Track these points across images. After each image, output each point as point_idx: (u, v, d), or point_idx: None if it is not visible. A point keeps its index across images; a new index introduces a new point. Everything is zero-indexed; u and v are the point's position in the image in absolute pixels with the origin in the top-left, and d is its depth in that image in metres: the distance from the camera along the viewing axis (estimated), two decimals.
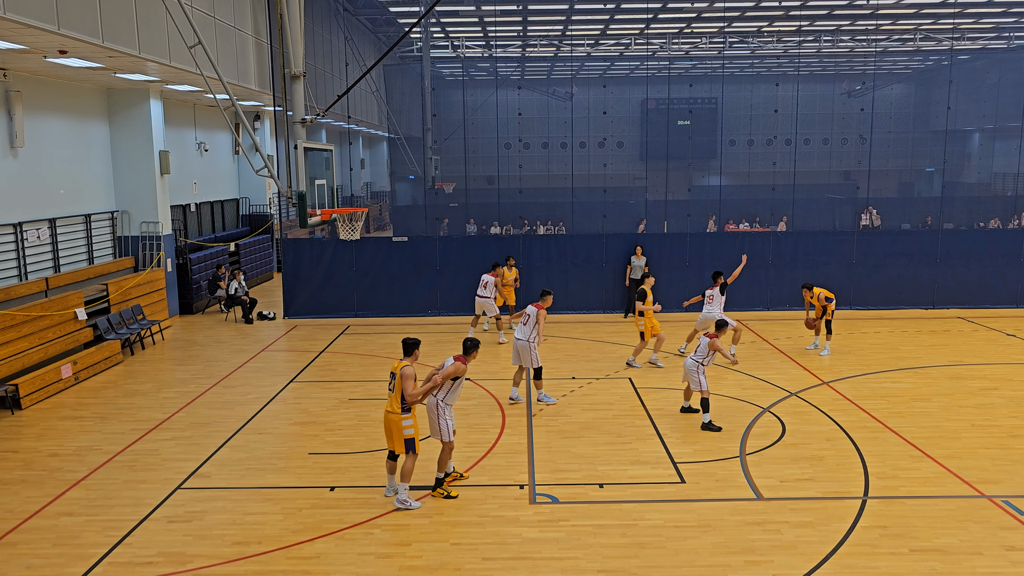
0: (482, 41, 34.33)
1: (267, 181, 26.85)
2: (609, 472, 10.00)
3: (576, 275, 19.97)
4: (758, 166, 38.68)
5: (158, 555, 8.06)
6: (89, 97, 17.83)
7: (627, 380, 14.05)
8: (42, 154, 15.98)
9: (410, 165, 32.55)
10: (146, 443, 11.31)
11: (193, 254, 21.13)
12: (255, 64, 20.83)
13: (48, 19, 11.50)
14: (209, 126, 23.98)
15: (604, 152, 39.76)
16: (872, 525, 8.49)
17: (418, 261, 19.86)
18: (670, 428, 11.54)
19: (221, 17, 18.29)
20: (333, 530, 8.54)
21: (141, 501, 9.34)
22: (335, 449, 10.93)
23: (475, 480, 9.81)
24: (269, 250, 26.94)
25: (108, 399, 13.45)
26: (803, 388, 13.43)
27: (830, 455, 10.46)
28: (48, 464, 10.56)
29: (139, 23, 14.28)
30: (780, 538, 8.24)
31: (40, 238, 16.07)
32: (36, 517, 8.98)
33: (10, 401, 12.67)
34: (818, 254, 20.00)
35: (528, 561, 7.89)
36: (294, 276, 19.92)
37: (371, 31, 31.90)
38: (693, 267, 19.89)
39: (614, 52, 35.55)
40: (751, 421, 11.79)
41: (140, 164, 18.76)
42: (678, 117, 34.74)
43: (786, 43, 34.04)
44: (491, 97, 30.49)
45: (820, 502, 9.08)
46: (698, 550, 8.02)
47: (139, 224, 18.99)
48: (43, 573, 7.74)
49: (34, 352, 13.80)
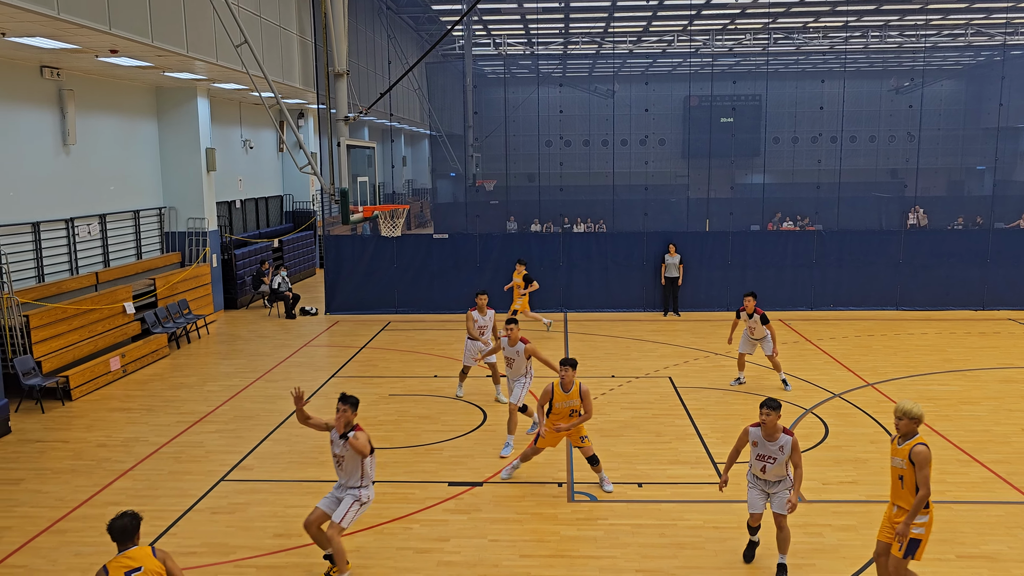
0: (524, 38, 34.31)
1: (310, 178, 27.18)
2: (648, 471, 9.93)
3: (616, 273, 19.87)
4: (803, 164, 38.09)
5: (201, 545, 8.21)
6: (139, 95, 18.23)
7: (667, 379, 13.94)
8: (93, 151, 16.37)
9: (451, 162, 32.72)
10: (191, 435, 11.54)
11: (238, 250, 21.49)
12: (299, 62, 21.10)
13: (100, 19, 11.78)
14: (254, 124, 24.35)
15: (645, 150, 39.47)
16: None
17: (458, 258, 19.94)
18: (710, 428, 11.42)
19: (267, 16, 18.56)
20: (372, 524, 8.62)
21: (186, 492, 9.53)
22: (375, 444, 10.99)
23: (514, 477, 9.82)
24: (312, 246, 27.28)
25: (155, 391, 13.75)
26: (847, 390, 13.19)
27: (874, 458, 10.26)
28: (97, 454, 10.83)
29: (187, 23, 14.57)
30: (822, 541, 8.11)
31: (90, 233, 16.48)
32: (85, 506, 9.22)
33: (61, 392, 13.03)
34: (863, 254, 19.61)
35: (565, 559, 7.87)
36: (336, 272, 20.13)
37: (413, 29, 32.09)
38: (735, 266, 19.64)
39: (657, 49, 35.25)
40: (793, 422, 11.61)
41: (187, 161, 19.13)
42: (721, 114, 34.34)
43: (832, 39, 33.41)
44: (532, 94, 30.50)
45: (864, 505, 8.91)
46: (738, 552, 7.93)
47: (186, 220, 19.37)
48: (91, 561, 7.94)
49: (84, 345, 14.17)
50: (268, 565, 7.82)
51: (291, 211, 27.62)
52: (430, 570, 7.72)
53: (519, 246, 20.23)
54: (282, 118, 25.08)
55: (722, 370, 14.48)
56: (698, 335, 17.29)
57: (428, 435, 11.33)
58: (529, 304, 17.64)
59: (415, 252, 19.88)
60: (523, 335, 11.07)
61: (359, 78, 21.43)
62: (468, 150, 31.69)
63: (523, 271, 17.45)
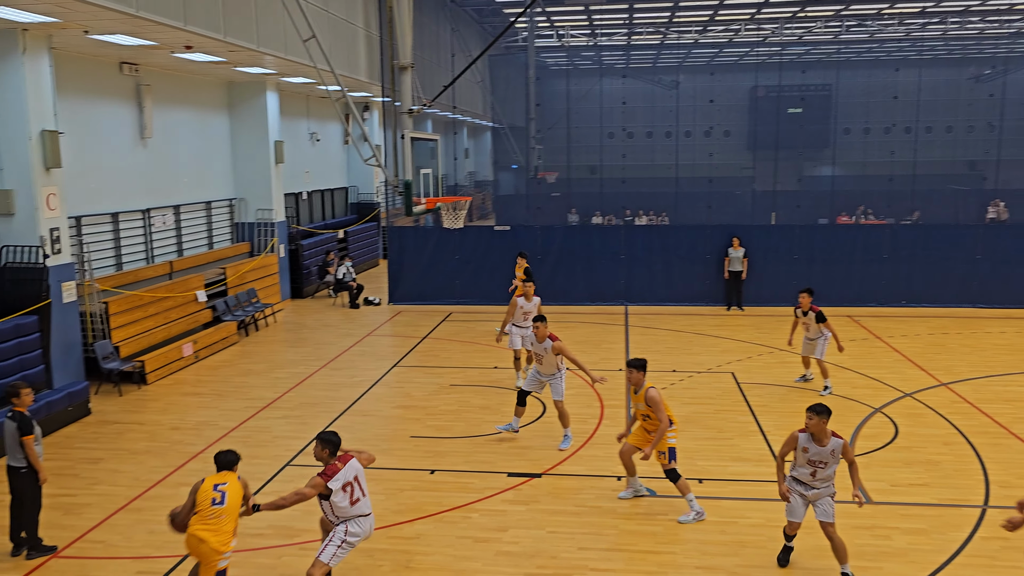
0: (587, 30, 34.08)
1: (374, 170, 27.57)
2: (709, 468, 9.82)
3: (679, 266, 19.61)
4: (874, 155, 36.98)
5: (268, 528, 8.45)
6: (211, 90, 18.75)
7: (730, 375, 13.74)
8: (168, 144, 16.93)
9: (513, 154, 32.78)
10: (258, 420, 11.87)
11: (304, 240, 21.95)
12: (365, 56, 21.40)
13: (176, 16, 12.16)
14: (321, 117, 24.81)
15: (710, 141, 38.86)
16: (992, 536, 8.01)
17: (519, 250, 19.95)
18: (774, 425, 11.21)
19: (334, 11, 18.87)
20: (432, 512, 8.74)
21: (253, 475, 9.79)
22: (436, 433, 11.16)
23: (572, 470, 9.83)
24: (375, 237, 27.69)
25: (224, 377, 14.17)
26: (919, 389, 12.78)
27: (947, 460, 9.93)
28: (170, 437, 11.24)
29: (258, 19, 14.92)
30: (890, 544, 7.90)
31: (165, 224, 17.06)
32: (159, 486, 9.58)
33: (137, 376, 13.54)
34: (939, 248, 18.90)
35: (624, 553, 7.85)
36: (399, 263, 20.40)
37: (477, 22, 32.20)
38: (802, 260, 19.19)
39: (723, 38, 34.58)
40: (861, 421, 11.32)
41: (257, 154, 19.62)
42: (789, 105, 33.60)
43: (908, 25, 32.24)
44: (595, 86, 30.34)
45: (935, 509, 8.64)
46: (801, 552, 7.78)
47: (255, 211, 19.88)
48: (164, 539, 8.23)
49: (159, 331, 14.69)
50: None
51: (356, 203, 28.08)
52: (488, 559, 7.79)
53: (580, 238, 20.16)
54: (347, 111, 25.50)
55: (786, 366, 14.19)
56: (762, 330, 16.97)
57: (488, 426, 11.41)
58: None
59: (476, 244, 20.00)
60: (551, 332, 10.68)
61: (423, 71, 21.62)
62: (530, 142, 31.70)
63: (524, 264, 16.88)
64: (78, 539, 8.28)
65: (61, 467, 10.07)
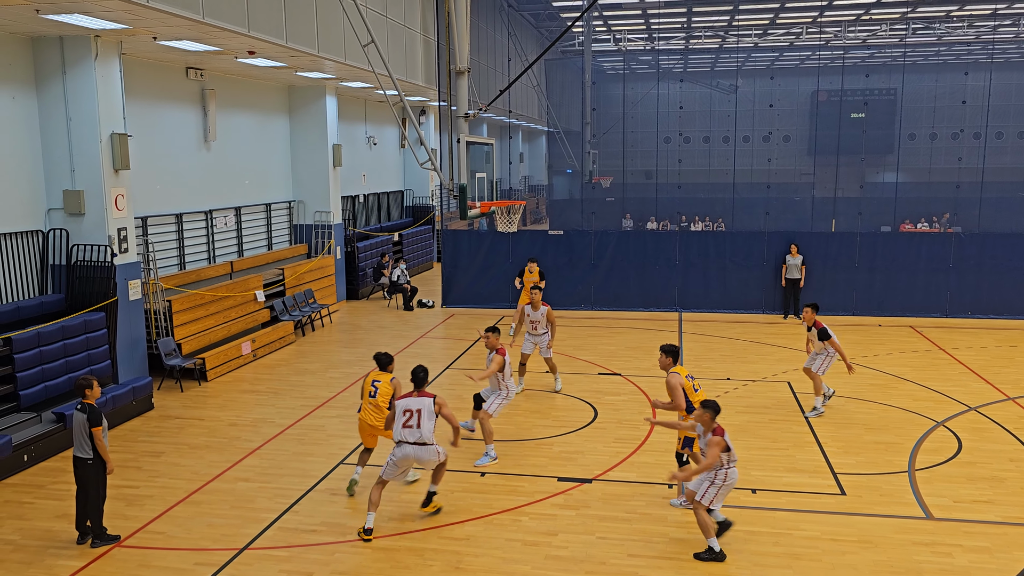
0: (644, 34, 33.87)
1: (430, 174, 27.84)
2: (762, 478, 9.65)
3: (735, 273, 19.33)
4: (940, 162, 35.92)
5: (321, 524, 8.60)
6: (272, 94, 19.18)
7: (785, 384, 13.48)
8: (231, 147, 17.36)
9: (568, 159, 32.72)
10: (313, 419, 12.08)
11: (360, 243, 22.26)
12: (422, 60, 21.64)
13: (240, 23, 12.48)
14: (378, 121, 25.15)
15: (769, 146, 38.22)
16: None
17: (573, 255, 19.93)
18: (830, 437, 10.96)
19: (392, 16, 19.13)
20: (482, 514, 8.77)
21: (307, 472, 9.99)
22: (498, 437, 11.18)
23: (623, 476, 9.76)
24: (430, 240, 27.93)
25: (281, 376, 14.46)
26: (984, 403, 12.35)
27: (1013, 477, 9.57)
28: (228, 432, 11.51)
29: (319, 24, 15.21)
30: (951, 562, 7.65)
31: (227, 225, 17.49)
32: (217, 480, 9.82)
33: (198, 373, 13.91)
34: (1007, 258, 18.25)
35: (674, 562, 7.76)
36: (452, 266, 20.54)
37: (533, 26, 32.26)
38: (862, 269, 18.74)
39: (783, 42, 33.96)
40: (923, 435, 10.99)
41: (315, 157, 19.99)
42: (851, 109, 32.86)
43: (978, 28, 31.21)
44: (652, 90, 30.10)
45: (999, 527, 8.33)
46: (857, 566, 7.59)
47: (313, 213, 20.24)
48: (222, 532, 8.46)
49: (219, 329, 15.06)
50: (382, 547, 8.10)
51: (411, 206, 28.38)
52: (537, 563, 7.78)
53: (634, 244, 20.03)
54: (404, 115, 25.81)
55: (845, 377, 13.84)
56: None
57: (538, 430, 11.41)
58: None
59: (530, 248, 20.01)
60: (501, 346, 10.49)
61: (479, 75, 21.77)
62: (585, 147, 31.61)
63: (536, 269, 16.91)
64: (139, 530, 8.54)
65: (124, 459, 10.40)
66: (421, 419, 8.27)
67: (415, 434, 8.28)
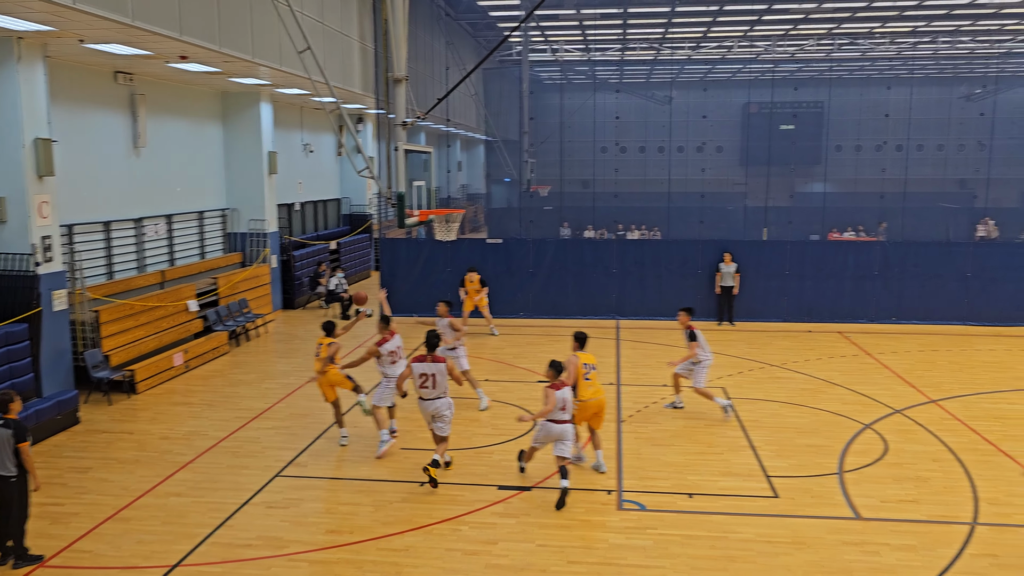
0: (581, 44, 34.28)
1: (368, 182, 27.60)
2: (699, 482, 9.82)
3: (671, 281, 19.66)
4: (865, 172, 37.24)
5: (257, 538, 8.41)
6: (205, 100, 18.77)
7: (720, 390, 13.76)
8: (162, 154, 16.92)
9: (506, 168, 32.84)
10: (248, 431, 11.82)
11: (296, 251, 21.93)
12: (359, 68, 21.47)
13: (171, 26, 12.20)
14: (314, 128, 24.85)
15: (702, 157, 39.08)
16: (981, 553, 8.04)
17: (511, 263, 20.00)
18: (764, 440, 11.24)
19: (329, 23, 18.94)
20: (422, 524, 8.71)
21: (242, 486, 9.77)
22: (427, 445, 11.12)
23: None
24: (368, 249, 27.68)
25: (215, 387, 14.12)
26: (909, 406, 12.83)
27: (936, 477, 9.96)
28: (159, 446, 11.18)
29: (253, 29, 14.97)
30: (879, 560, 7.91)
31: (157, 233, 17.03)
32: (147, 496, 9.52)
33: (127, 385, 13.48)
34: (929, 265, 19.03)
35: (613, 567, 7.84)
36: (391, 275, 20.39)
37: (471, 35, 32.35)
38: (793, 276, 19.28)
39: (716, 55, 34.82)
40: (851, 437, 11.35)
41: (250, 164, 19.62)
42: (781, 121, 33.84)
43: (900, 45, 32.55)
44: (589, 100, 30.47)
45: (924, 525, 8.66)
46: (791, 567, 7.79)
47: (247, 221, 19.86)
48: (152, 549, 8.20)
49: (150, 340, 14.63)
50: (320, 560, 7.97)
51: (348, 214, 28.10)
52: (478, 572, 7.76)
53: (572, 252, 20.22)
54: (341, 122, 25.53)
55: (777, 382, 14.24)
56: (753, 345, 17.03)
57: (479, 438, 11.40)
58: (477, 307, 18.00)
59: (469, 257, 20.01)
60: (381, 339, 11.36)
61: (417, 83, 21.71)
62: (523, 156, 31.79)
63: (476, 278, 17.88)
64: (65, 548, 8.22)
65: (49, 476, 10.01)
66: (436, 381, 9.79)
67: (431, 393, 9.82)
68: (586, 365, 9.90)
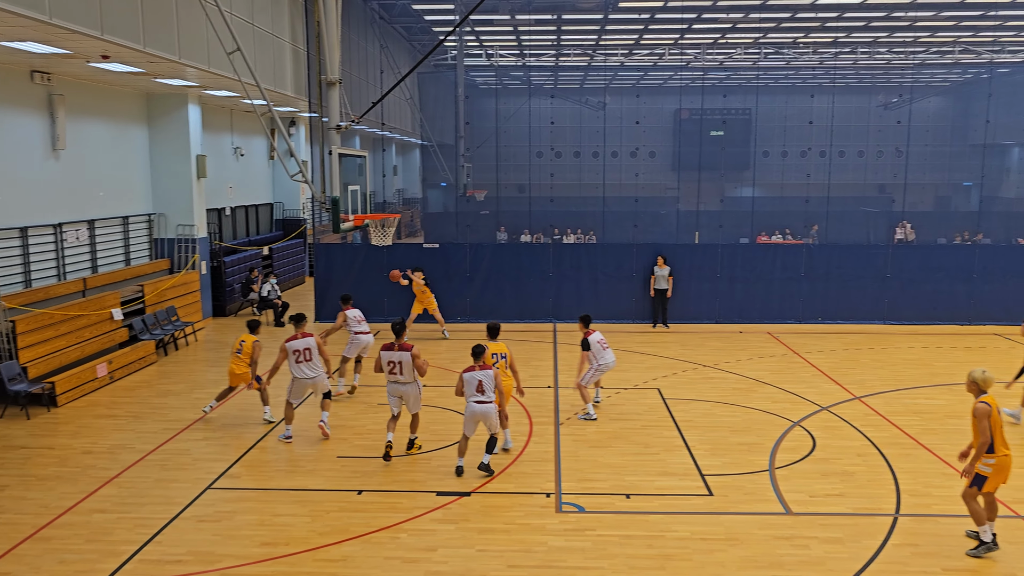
0: (516, 50, 34.44)
1: (301, 186, 27.16)
2: (636, 482, 9.94)
3: (606, 284, 19.90)
4: (792, 177, 38.32)
5: (187, 554, 8.16)
6: (129, 101, 18.19)
7: (655, 391, 13.97)
8: (83, 157, 16.32)
9: (442, 172, 32.72)
10: (178, 443, 11.47)
11: (227, 257, 21.41)
12: (292, 70, 21.11)
13: (92, 25, 11.77)
14: (245, 131, 24.33)
15: (636, 162, 39.63)
16: (903, 543, 8.35)
17: (448, 268, 19.94)
18: (698, 440, 11.45)
19: (259, 24, 18.57)
20: (360, 533, 8.59)
21: (172, 500, 9.47)
22: (363, 453, 10.99)
23: (502, 487, 9.81)
24: (302, 254, 27.22)
25: (142, 398, 13.66)
26: (834, 403, 13.25)
27: (861, 471, 10.31)
28: (82, 461, 10.75)
29: (179, 29, 14.57)
30: (809, 554, 8.13)
31: (79, 239, 16.40)
32: (70, 513, 9.14)
33: (47, 399, 12.93)
34: (851, 267, 19.73)
35: (554, 570, 7.86)
36: (326, 280, 20.09)
37: (406, 39, 32.16)
38: (724, 279, 19.73)
39: (648, 62, 35.44)
40: (781, 435, 11.65)
41: (177, 168, 19.09)
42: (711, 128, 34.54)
43: (822, 54, 33.68)
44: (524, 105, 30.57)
45: (850, 518, 8.95)
46: (725, 563, 7.94)
47: (175, 227, 19.31)
48: (75, 568, 7.88)
49: (71, 351, 14.07)
50: (254, 574, 7.78)
51: (281, 219, 27.58)
52: None
53: (509, 256, 20.28)
54: (273, 126, 25.08)
55: (710, 382, 14.53)
56: (687, 347, 17.35)
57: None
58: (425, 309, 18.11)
59: (405, 261, 19.85)
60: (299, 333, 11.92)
61: (351, 87, 21.46)
62: (459, 160, 31.73)
63: (422, 276, 18.02)
64: None
65: None
66: (403, 367, 10.47)
67: (399, 378, 10.56)
68: (494, 355, 10.81)
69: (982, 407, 7.98)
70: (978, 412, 7.98)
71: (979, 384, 8.19)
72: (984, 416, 7.94)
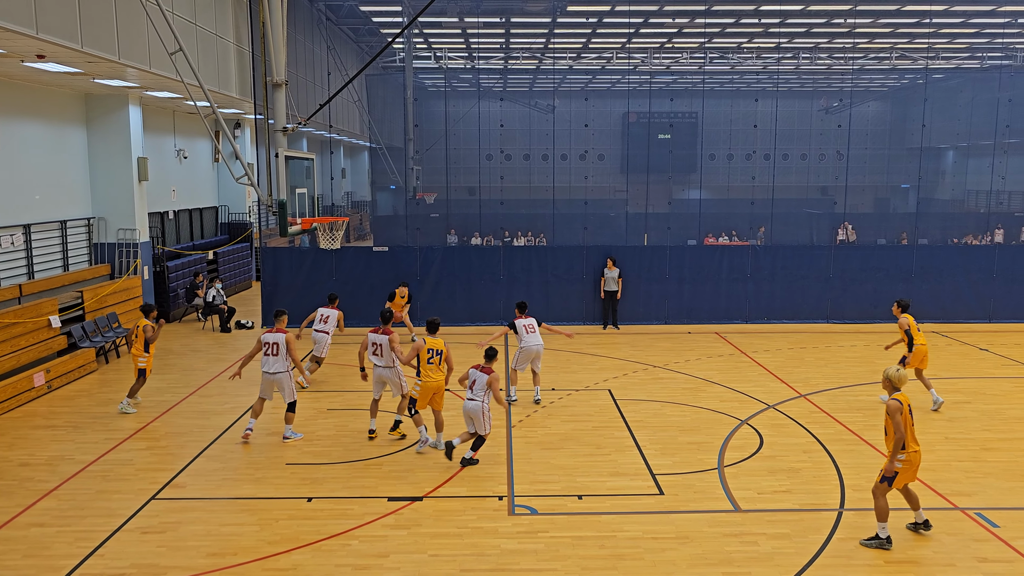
0: (465, 52, 34.41)
1: (247, 189, 26.69)
2: (588, 484, 10.00)
3: (557, 286, 20.00)
4: (737, 180, 39.05)
5: (131, 567, 7.94)
6: (67, 102, 17.65)
7: (607, 392, 14.08)
8: (17, 159, 15.78)
9: (391, 175, 32.48)
10: (120, 453, 11.16)
11: (171, 262, 20.94)
12: (236, 72, 20.74)
13: (26, 23, 11.38)
14: (189, 133, 23.82)
15: (585, 164, 39.87)
16: (848, 537, 8.55)
17: (399, 271, 19.79)
18: (649, 440, 11.56)
19: (203, 24, 18.20)
20: (310, 541, 8.46)
21: (114, 512, 9.20)
22: (312, 460, 10.84)
23: (454, 491, 9.77)
24: (248, 258, 26.75)
25: (81, 408, 13.26)
26: (780, 401, 13.52)
27: (807, 467, 10.53)
28: (19, 474, 10.38)
29: (119, 29, 14.18)
30: (757, 550, 8.27)
31: (13, 244, 15.85)
32: (6, 528, 8.81)
33: None
34: (795, 268, 20.20)
35: (507, 572, 7.86)
36: (273, 285, 19.77)
37: (354, 41, 31.87)
38: (672, 280, 19.99)
39: (596, 65, 35.75)
40: (729, 433, 11.84)
41: (118, 170, 18.58)
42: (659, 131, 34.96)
43: (765, 59, 34.44)
44: (473, 108, 30.56)
45: (797, 514, 9.13)
46: (676, 562, 8.03)
47: (116, 231, 18.79)
48: None
49: (6, 360, 13.58)
50: None
51: (227, 222, 27.06)
52: None
53: (459, 259, 20.22)
54: (218, 128, 24.60)
55: (660, 382, 14.70)
56: (637, 348, 17.53)
57: (367, 450, 11.19)
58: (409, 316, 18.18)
59: (354, 265, 19.68)
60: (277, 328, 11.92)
61: (298, 89, 21.17)
62: (408, 163, 31.54)
63: (407, 293, 18.14)
64: None
65: None
66: (383, 350, 11.29)
67: (379, 361, 11.35)
68: (430, 351, 11.00)
69: (894, 403, 8.25)
70: (890, 408, 8.25)
71: (892, 381, 8.47)
72: (896, 412, 8.21)
